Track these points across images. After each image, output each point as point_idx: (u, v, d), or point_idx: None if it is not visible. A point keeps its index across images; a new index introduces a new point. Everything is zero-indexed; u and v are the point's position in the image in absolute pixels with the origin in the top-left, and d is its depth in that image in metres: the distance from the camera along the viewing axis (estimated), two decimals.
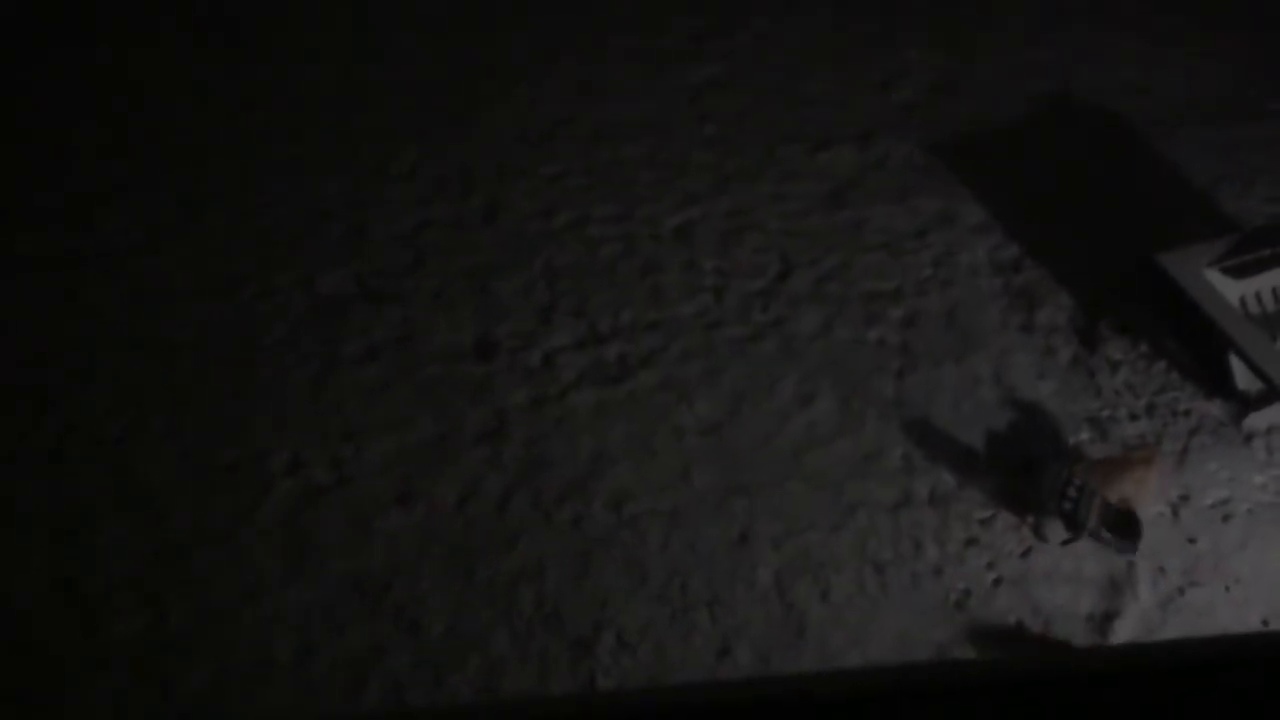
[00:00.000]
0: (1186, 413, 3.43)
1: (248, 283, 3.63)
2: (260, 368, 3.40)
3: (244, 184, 3.96)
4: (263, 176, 3.99)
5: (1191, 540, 3.13)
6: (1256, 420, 3.38)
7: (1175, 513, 3.18)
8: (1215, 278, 3.52)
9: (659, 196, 3.99)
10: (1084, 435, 3.35)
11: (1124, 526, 3.03)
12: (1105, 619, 2.96)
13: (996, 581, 3.02)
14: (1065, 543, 3.07)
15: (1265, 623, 2.95)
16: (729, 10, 4.81)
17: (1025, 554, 3.07)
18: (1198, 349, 3.52)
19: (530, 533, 3.04)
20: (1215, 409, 3.43)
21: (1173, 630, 2.94)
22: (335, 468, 3.16)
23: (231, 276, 3.65)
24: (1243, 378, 3.40)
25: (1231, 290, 3.52)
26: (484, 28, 4.69)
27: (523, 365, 3.44)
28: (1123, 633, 2.94)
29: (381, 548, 2.99)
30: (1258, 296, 3.57)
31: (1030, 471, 3.19)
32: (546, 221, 3.89)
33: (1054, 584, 3.02)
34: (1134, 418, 3.41)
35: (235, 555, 2.96)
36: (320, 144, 4.13)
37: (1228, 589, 3.03)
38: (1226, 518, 3.17)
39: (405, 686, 2.74)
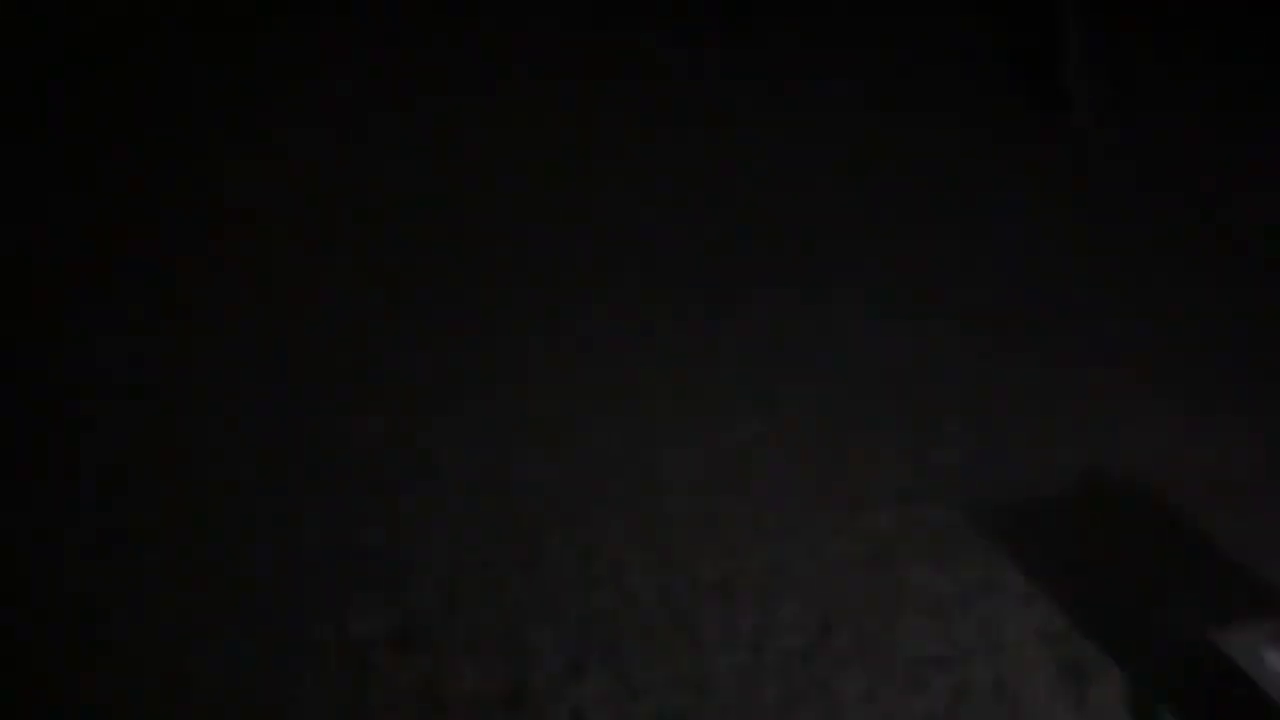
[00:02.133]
0: None
1: (279, 621, 3.60)
2: (285, 711, 3.31)
3: (289, 522, 4.03)
4: (308, 515, 4.06)
5: None
6: None
7: None
8: (1274, 658, 3.39)
9: (697, 551, 3.99)
10: None
11: None
12: None
13: None
14: None
15: None
16: (765, 373, 5.02)
17: None
18: None
19: None
20: None
21: None
22: None
23: (264, 613, 3.63)
24: None
25: None
26: (519, 377, 4.90)
27: (551, 718, 3.32)
28: None
29: None
30: None
31: None
32: (583, 569, 3.88)
33: None
34: None
35: None
36: (364, 488, 4.23)
37: None
38: None
39: None
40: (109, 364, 4.94)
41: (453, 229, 5.97)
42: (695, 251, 5.82)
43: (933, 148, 6.72)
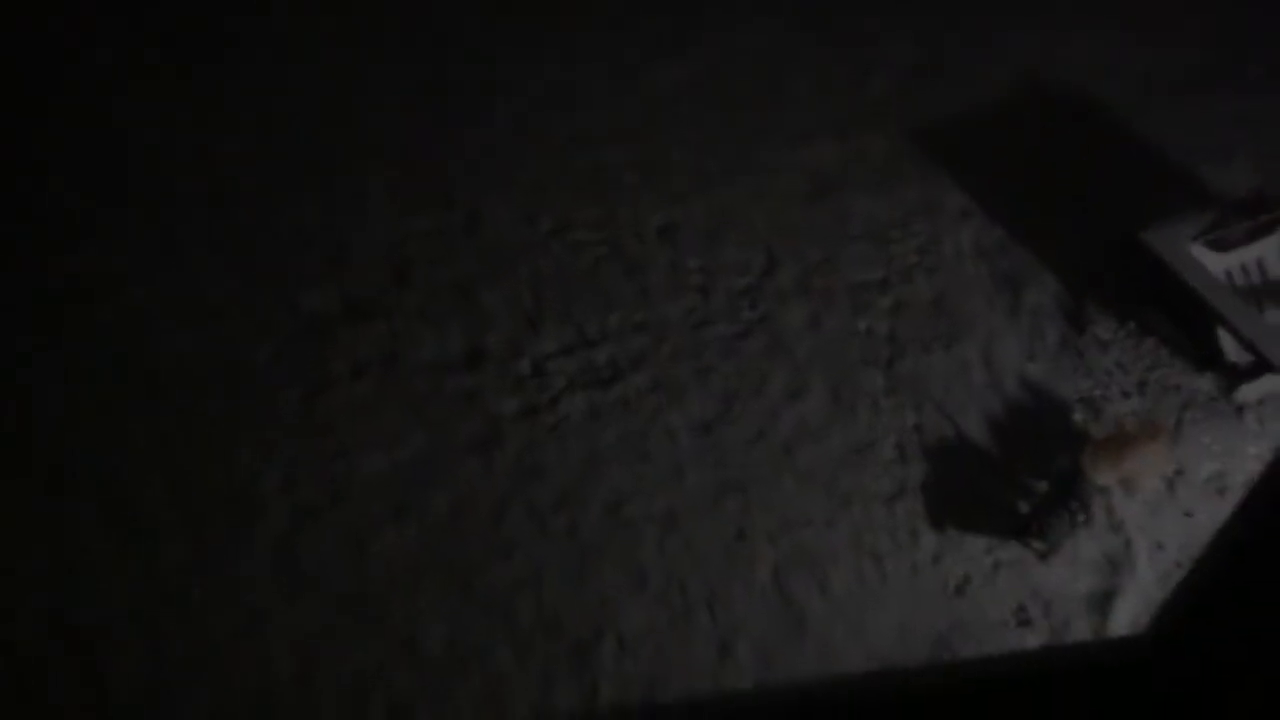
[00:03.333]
0: (1177, 388, 3.43)
1: (230, 306, 3.62)
2: (248, 389, 3.39)
3: (219, 211, 3.95)
4: (239, 199, 3.97)
5: (1188, 514, 3.13)
6: (1247, 392, 3.38)
7: (1171, 487, 3.18)
8: (1200, 252, 3.53)
9: (640, 199, 3.99)
10: (1077, 416, 3.34)
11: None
12: (1105, 598, 2.96)
13: (995, 566, 3.01)
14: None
15: None
16: (697, 11, 4.81)
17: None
18: (1186, 324, 3.52)
19: (526, 542, 3.03)
20: (1206, 383, 3.43)
21: None
22: (328, 487, 3.14)
23: (213, 301, 3.63)
24: (1232, 350, 3.40)
25: (1216, 264, 3.53)
26: (453, 40, 4.69)
27: (512, 374, 3.43)
28: (1123, 611, 2.93)
29: (378, 566, 2.98)
30: (1243, 269, 3.57)
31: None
32: (529, 229, 3.88)
33: (1052, 567, 3.01)
34: (1126, 395, 3.40)
35: (232, 582, 2.95)
36: (294, 164, 4.11)
37: None
38: (1221, 491, 3.17)
39: (408, 704, 2.73)
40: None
41: None
42: None
43: None
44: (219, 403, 3.35)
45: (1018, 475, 3.19)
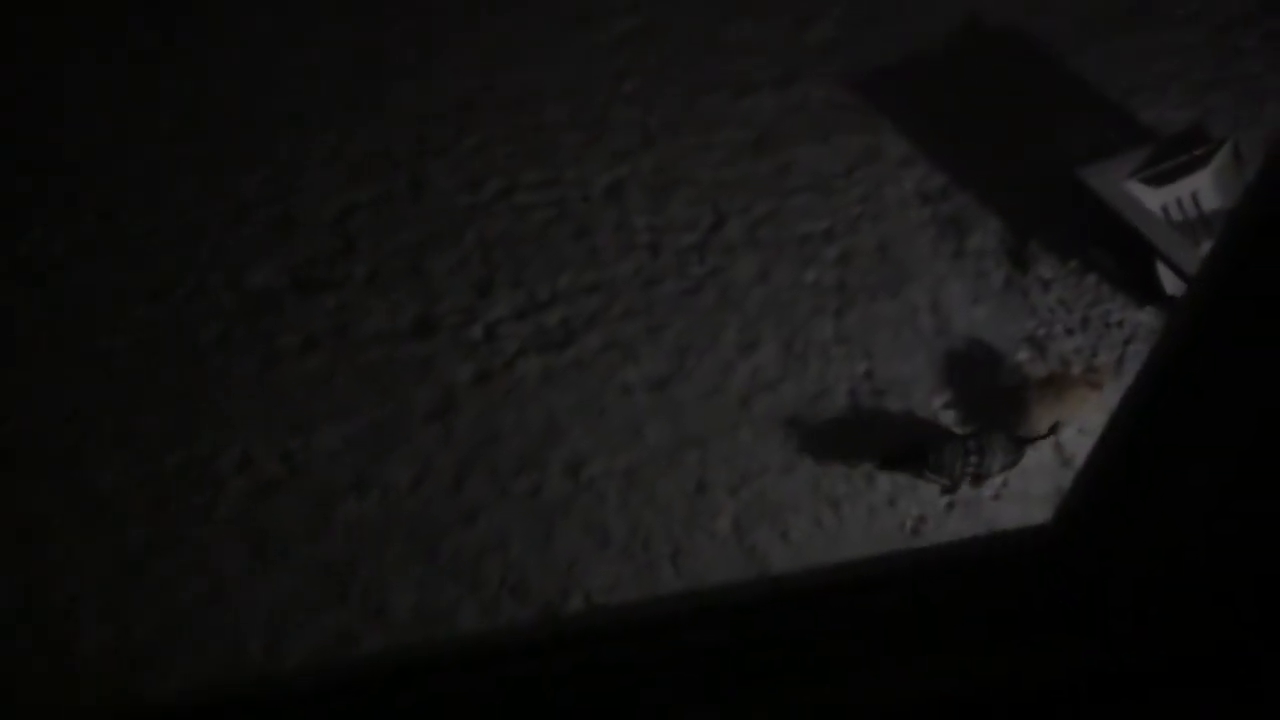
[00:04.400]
0: (1120, 323, 3.50)
1: (177, 285, 3.58)
2: (200, 368, 3.37)
3: (160, 186, 3.89)
4: (178, 176, 3.92)
5: None
6: None
7: None
8: (1136, 188, 3.59)
9: (585, 158, 3.98)
10: (1023, 354, 3.41)
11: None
12: None
13: (950, 506, 3.09)
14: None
15: None
16: None
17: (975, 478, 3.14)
18: (1125, 259, 3.59)
19: (489, 506, 3.06)
20: (1147, 317, 3.51)
21: None
22: (286, 460, 3.14)
23: (159, 280, 3.59)
24: (1170, 283, 3.48)
25: (1153, 199, 3.59)
26: (388, 3, 4.62)
27: (465, 340, 3.44)
28: None
29: (341, 536, 2.99)
30: (1179, 203, 3.64)
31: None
32: (474, 194, 3.87)
33: (1005, 504, 3.09)
34: (1069, 333, 3.48)
35: (195, 557, 2.95)
36: (232, 136, 4.06)
37: None
38: None
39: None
40: None
41: None
42: None
43: None
44: (172, 381, 3.32)
45: (965, 416, 3.26)
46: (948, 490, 3.08)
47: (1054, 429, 3.11)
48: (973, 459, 3.01)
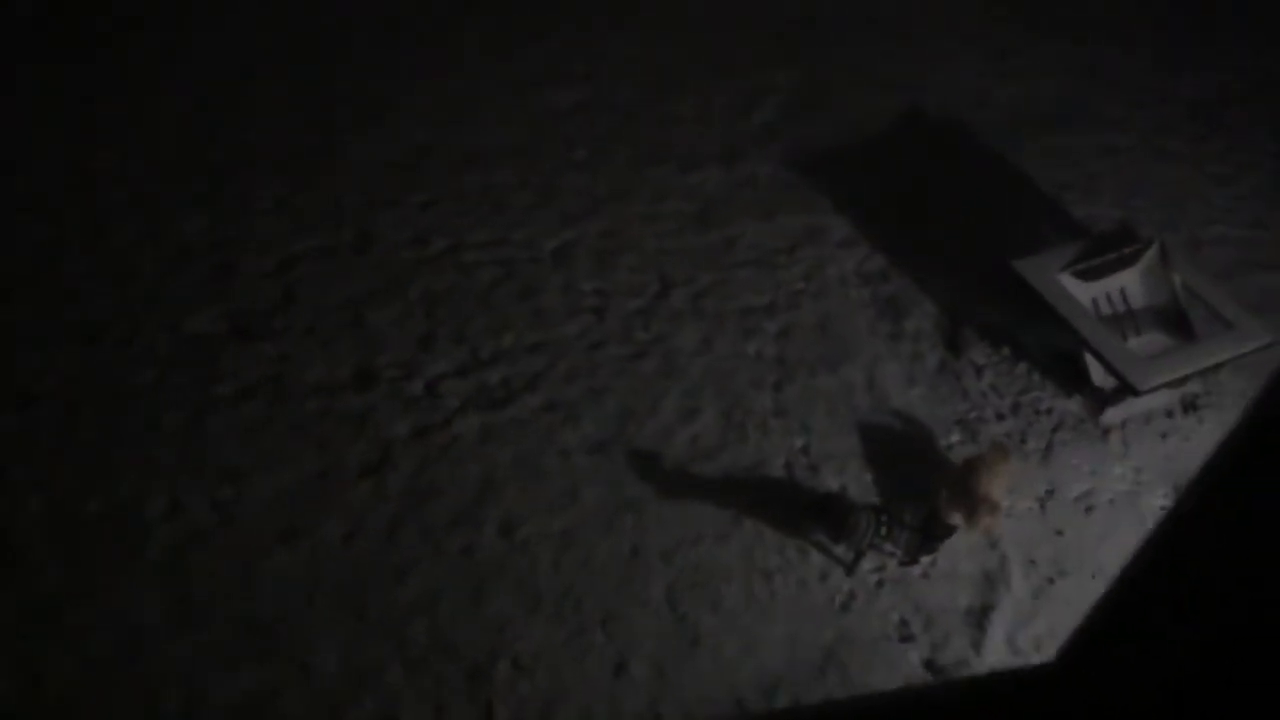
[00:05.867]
0: (1049, 411, 3.60)
1: (110, 328, 3.51)
2: (129, 413, 3.29)
3: (98, 225, 3.83)
4: (117, 216, 3.87)
5: (1059, 532, 3.28)
6: (1112, 415, 3.57)
7: (1043, 506, 3.34)
8: (1068, 281, 3.71)
9: (533, 220, 4.01)
10: (954, 437, 3.48)
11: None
12: (983, 612, 3.08)
13: (879, 583, 3.11)
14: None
15: None
16: (585, 35, 4.88)
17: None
18: (1055, 350, 3.70)
19: (420, 564, 3.02)
20: (1075, 406, 3.61)
21: (1045, 620, 3.07)
22: (216, 510, 3.08)
23: (92, 322, 3.52)
24: (1098, 375, 3.59)
25: (1083, 292, 3.72)
26: (341, 57, 4.65)
27: (404, 394, 3.41)
28: (999, 624, 3.06)
29: (268, 589, 2.92)
30: (1108, 298, 3.77)
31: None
32: (420, 249, 3.87)
33: (933, 582, 3.13)
34: (1000, 417, 3.56)
35: (114, 607, 2.85)
36: (177, 180, 4.02)
37: (1094, 577, 3.19)
38: (1089, 509, 3.34)
39: None
40: None
41: None
42: None
43: None
44: (100, 425, 3.24)
45: (893, 496, 3.30)
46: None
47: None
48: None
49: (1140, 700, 1.03)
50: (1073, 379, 3.64)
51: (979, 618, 3.08)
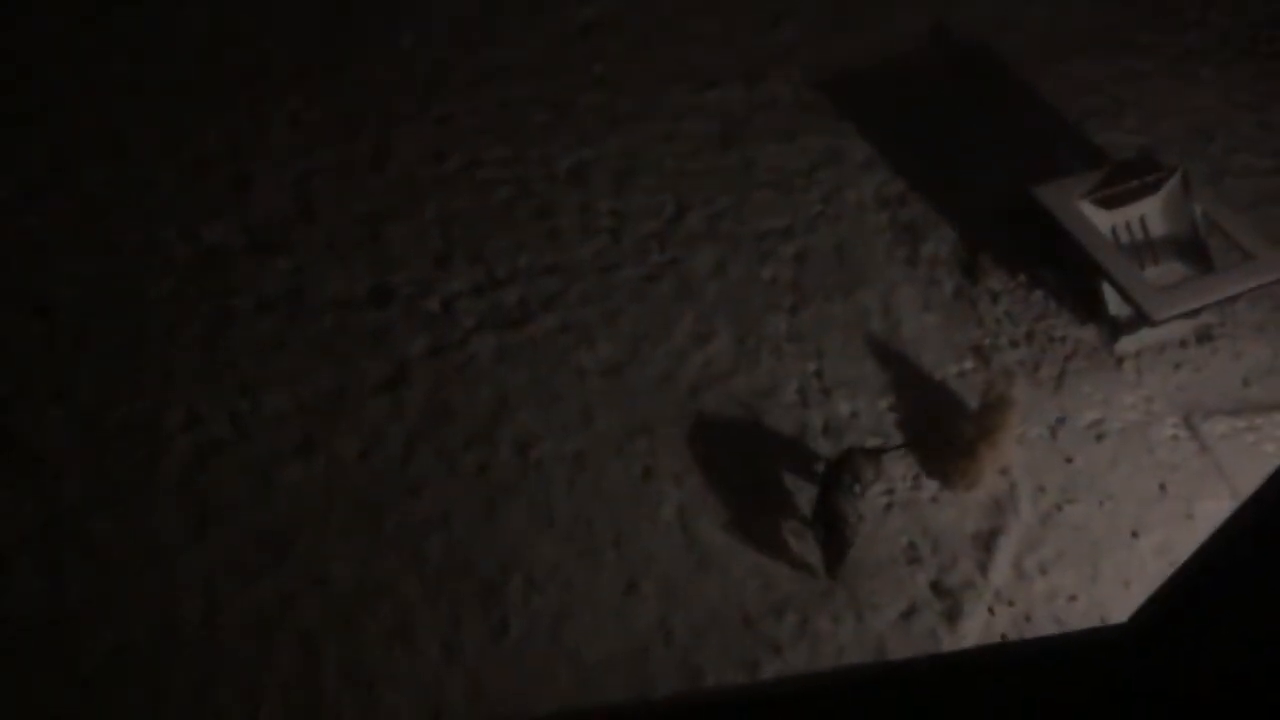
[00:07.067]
0: (1063, 339, 3.59)
1: (129, 237, 3.52)
2: (148, 324, 3.32)
3: (116, 136, 3.82)
4: (135, 127, 3.85)
5: (1069, 459, 3.30)
6: (1127, 344, 3.56)
7: (1053, 434, 3.35)
8: (1087, 209, 3.68)
9: (550, 138, 3.98)
10: (968, 364, 3.48)
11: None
12: (990, 536, 3.12)
13: (889, 506, 3.15)
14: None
15: (1135, 534, 3.14)
16: None
17: (915, 481, 3.21)
18: (1072, 277, 3.68)
19: (435, 481, 3.06)
20: (1089, 334, 3.60)
21: (1052, 546, 3.11)
22: (233, 422, 3.12)
23: (111, 232, 3.53)
24: (1114, 304, 3.57)
25: (1102, 220, 3.68)
26: None
27: (421, 312, 3.43)
28: (1006, 548, 3.09)
29: (285, 501, 2.97)
30: (1127, 226, 3.74)
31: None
32: (437, 166, 3.85)
33: (942, 507, 3.16)
34: (1014, 345, 3.56)
35: (134, 517, 2.91)
36: (195, 92, 4.00)
37: (1101, 504, 3.22)
38: (1100, 437, 3.35)
39: (316, 637, 2.75)
40: None
41: None
42: None
43: None
44: (119, 335, 3.27)
45: (905, 420, 3.32)
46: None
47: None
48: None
49: (1213, 672, 1.04)
50: (1089, 307, 3.63)
51: (986, 541, 3.11)
